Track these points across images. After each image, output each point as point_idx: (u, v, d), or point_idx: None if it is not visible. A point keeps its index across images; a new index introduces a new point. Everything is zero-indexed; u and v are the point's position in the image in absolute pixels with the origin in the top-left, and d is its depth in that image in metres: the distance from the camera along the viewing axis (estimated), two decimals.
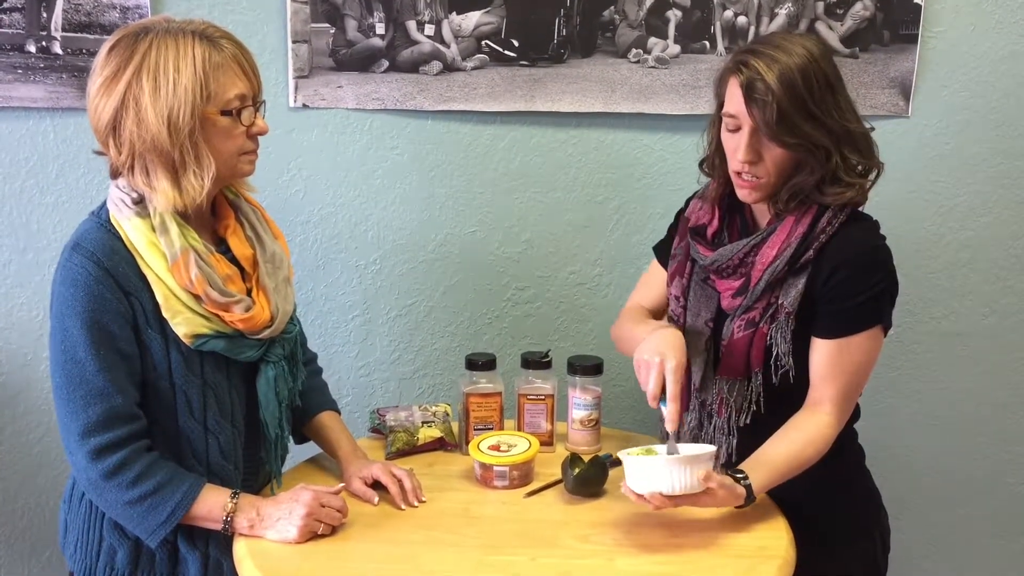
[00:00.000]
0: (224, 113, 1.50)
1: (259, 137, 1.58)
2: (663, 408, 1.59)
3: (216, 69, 1.47)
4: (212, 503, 1.53)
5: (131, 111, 1.46)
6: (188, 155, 1.48)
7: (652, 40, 2.18)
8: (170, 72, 1.45)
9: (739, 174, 1.60)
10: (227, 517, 1.53)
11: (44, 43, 2.05)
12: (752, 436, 1.65)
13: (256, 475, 1.71)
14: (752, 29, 2.18)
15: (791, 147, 1.54)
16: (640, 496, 1.51)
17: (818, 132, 1.54)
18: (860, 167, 1.60)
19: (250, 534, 1.53)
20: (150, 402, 1.55)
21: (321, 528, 1.54)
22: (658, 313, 1.86)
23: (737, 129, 1.58)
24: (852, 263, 1.57)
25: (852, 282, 1.57)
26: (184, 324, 1.52)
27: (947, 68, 2.23)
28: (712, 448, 1.56)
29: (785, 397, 1.65)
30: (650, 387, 1.60)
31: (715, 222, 1.72)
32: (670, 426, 1.57)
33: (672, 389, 1.58)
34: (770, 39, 1.58)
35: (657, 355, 1.60)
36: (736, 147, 1.58)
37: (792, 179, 1.59)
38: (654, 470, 1.49)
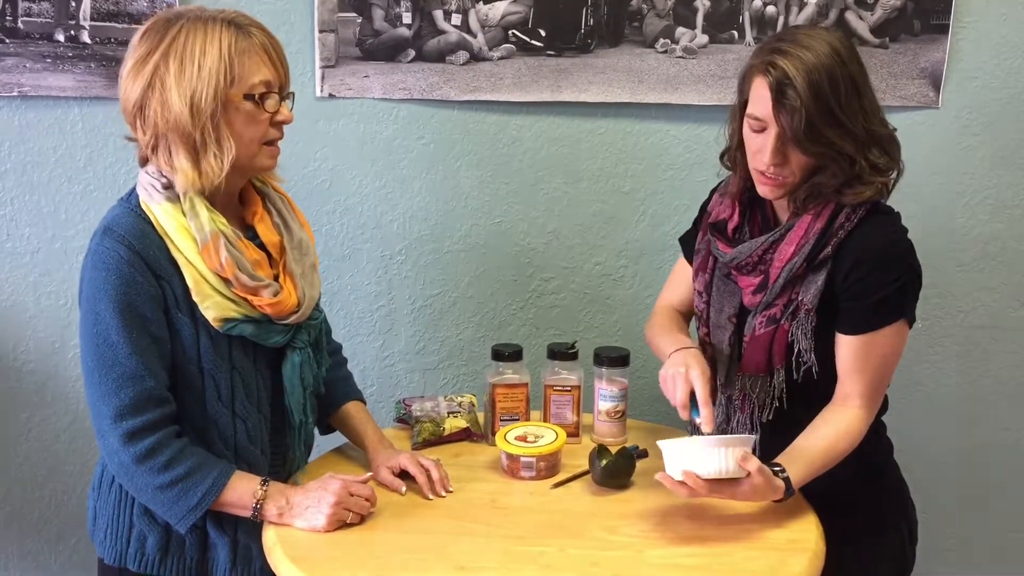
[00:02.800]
0: (247, 97, 1.51)
1: (285, 128, 1.58)
2: (695, 418, 1.60)
3: (242, 54, 1.49)
4: (242, 490, 1.54)
5: (157, 92, 1.48)
6: (209, 137, 1.49)
7: (680, 30, 2.17)
8: (196, 55, 1.47)
9: (762, 172, 1.59)
10: (257, 504, 1.54)
11: (73, 32, 2.06)
12: (775, 432, 1.65)
13: (283, 463, 1.71)
14: (781, 19, 2.17)
15: (815, 155, 1.53)
16: (676, 483, 1.49)
17: (843, 139, 1.51)
18: (883, 165, 1.57)
19: (279, 522, 1.54)
20: (179, 386, 1.56)
21: (350, 517, 1.54)
22: (687, 311, 1.86)
23: (762, 130, 1.55)
24: (871, 259, 1.56)
25: (873, 278, 1.56)
26: (213, 308, 1.53)
27: (978, 59, 2.21)
28: (751, 437, 1.55)
29: (808, 393, 1.64)
30: (678, 396, 1.61)
31: (735, 217, 1.70)
32: (706, 429, 1.57)
33: (701, 394, 1.58)
34: (795, 36, 1.54)
35: (682, 366, 1.62)
36: (760, 148, 1.56)
37: (813, 179, 1.57)
38: (691, 452, 1.48)
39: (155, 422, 1.50)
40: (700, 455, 1.48)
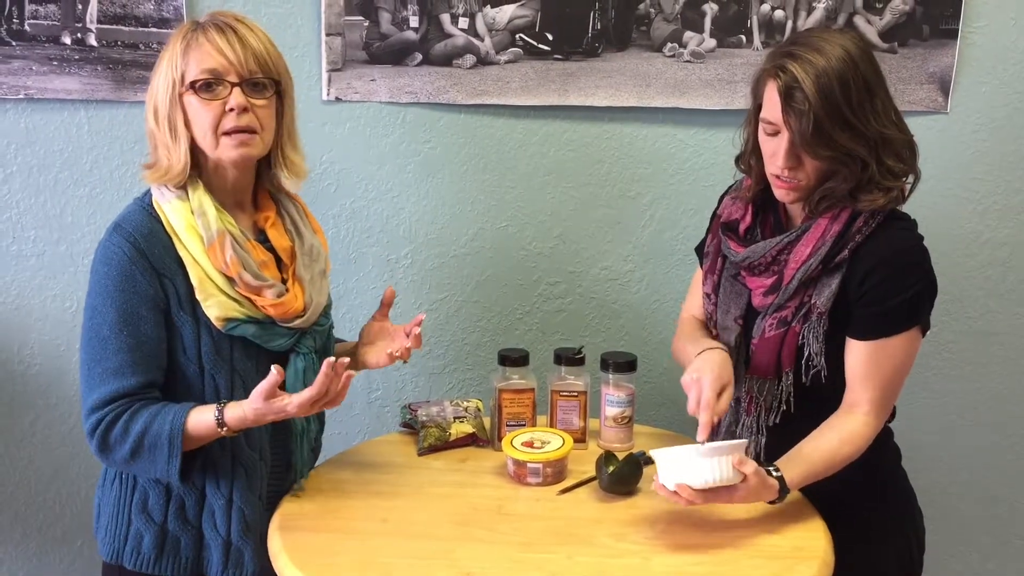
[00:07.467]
0: (189, 87, 1.52)
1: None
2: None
3: (189, 49, 1.52)
4: (203, 418, 1.52)
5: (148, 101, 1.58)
6: (167, 133, 1.54)
7: (688, 34, 2.16)
8: (159, 63, 1.55)
9: (777, 176, 1.58)
10: (219, 421, 1.51)
11: (79, 35, 2.06)
12: (782, 436, 1.64)
13: (287, 470, 1.70)
14: (789, 23, 2.16)
15: (825, 159, 1.52)
16: (671, 492, 1.49)
17: (854, 143, 1.50)
18: (898, 170, 1.57)
19: (250, 424, 1.53)
20: (178, 386, 1.57)
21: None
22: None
23: (775, 134, 1.55)
24: (888, 264, 1.55)
25: (888, 284, 1.55)
26: (216, 307, 1.54)
27: (987, 64, 2.20)
28: (743, 441, 1.54)
29: (816, 397, 1.63)
30: (689, 404, 1.60)
31: (747, 218, 1.70)
32: (700, 436, 1.56)
33: (704, 397, 1.57)
34: (809, 39, 1.54)
35: (696, 372, 1.61)
36: (775, 152, 1.56)
37: (827, 183, 1.56)
38: (685, 462, 1.48)
39: (119, 413, 1.51)
40: (694, 465, 1.47)
